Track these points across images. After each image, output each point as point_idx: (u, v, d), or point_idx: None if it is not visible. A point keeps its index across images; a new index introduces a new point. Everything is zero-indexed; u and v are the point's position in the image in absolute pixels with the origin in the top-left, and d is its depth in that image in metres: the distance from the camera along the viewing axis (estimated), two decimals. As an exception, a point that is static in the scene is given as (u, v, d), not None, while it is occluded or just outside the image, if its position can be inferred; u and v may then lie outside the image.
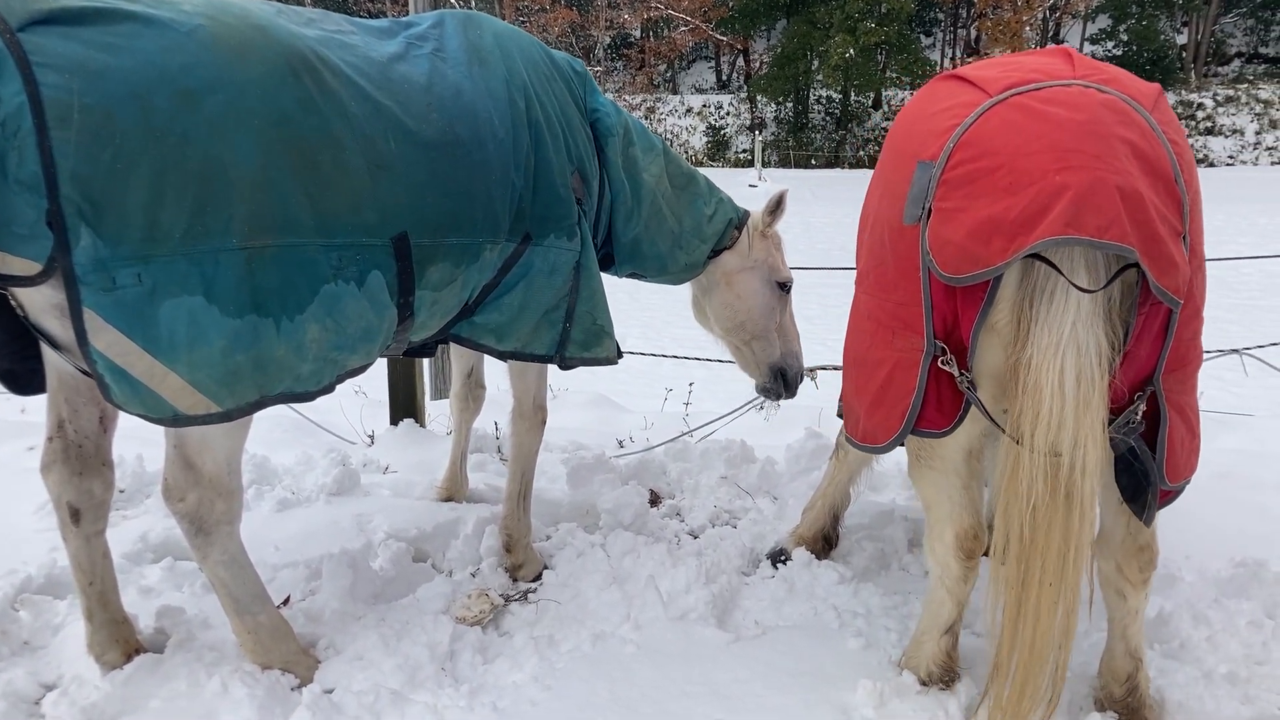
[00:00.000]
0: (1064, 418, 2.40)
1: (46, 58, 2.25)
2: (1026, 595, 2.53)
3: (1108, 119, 2.43)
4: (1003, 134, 2.50)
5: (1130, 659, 2.96)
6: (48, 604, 3.43)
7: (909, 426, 2.79)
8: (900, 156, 2.84)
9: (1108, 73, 2.65)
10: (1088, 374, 2.39)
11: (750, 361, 4.51)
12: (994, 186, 2.44)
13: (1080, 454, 2.42)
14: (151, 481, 4.59)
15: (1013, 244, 2.37)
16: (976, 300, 2.57)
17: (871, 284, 2.98)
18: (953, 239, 2.49)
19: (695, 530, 4.45)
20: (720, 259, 4.38)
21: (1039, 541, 2.49)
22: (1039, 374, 2.42)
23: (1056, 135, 2.41)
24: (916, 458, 2.99)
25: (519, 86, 3.40)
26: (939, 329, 2.69)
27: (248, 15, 2.68)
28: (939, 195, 2.57)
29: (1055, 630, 2.54)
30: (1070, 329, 2.39)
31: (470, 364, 4.64)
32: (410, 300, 3.05)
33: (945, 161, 2.57)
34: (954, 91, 2.80)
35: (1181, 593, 3.67)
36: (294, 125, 2.63)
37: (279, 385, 2.70)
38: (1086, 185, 2.31)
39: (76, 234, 2.29)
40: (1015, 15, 51.95)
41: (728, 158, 51.09)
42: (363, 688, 3.01)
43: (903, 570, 4.01)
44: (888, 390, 2.85)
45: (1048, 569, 2.50)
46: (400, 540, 4.02)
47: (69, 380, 2.89)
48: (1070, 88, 2.53)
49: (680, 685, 3.15)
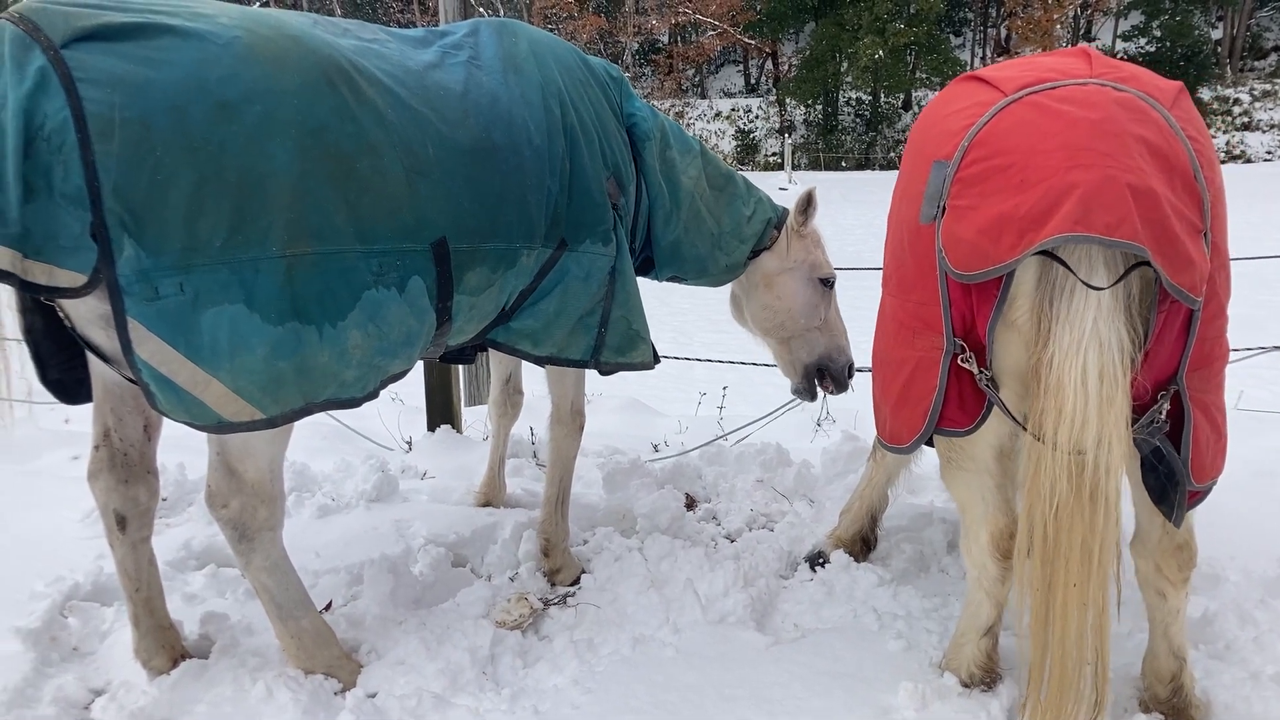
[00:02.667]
0: (1087, 415, 2.38)
1: (89, 73, 2.29)
2: (1053, 597, 2.51)
3: (1122, 117, 2.42)
4: (1016, 132, 2.50)
5: (1174, 659, 2.93)
6: (95, 611, 3.48)
7: (931, 426, 2.80)
8: (918, 157, 2.86)
9: (1126, 71, 2.63)
10: (1110, 371, 2.37)
11: (787, 362, 4.50)
12: (1006, 184, 2.45)
13: (1104, 452, 2.40)
14: (193, 490, 4.65)
15: (1022, 241, 2.37)
16: (991, 297, 2.57)
17: (894, 285, 3.00)
18: (965, 236, 2.51)
19: (732, 534, 4.44)
20: (760, 260, 4.38)
21: (1063, 542, 2.47)
22: (1061, 371, 2.41)
23: (1069, 133, 2.41)
24: (948, 460, 2.98)
25: (554, 93, 3.41)
26: (958, 327, 2.69)
27: (284, 26, 2.72)
28: (953, 193, 2.58)
29: (1087, 631, 2.50)
30: (1092, 325, 2.38)
31: (509, 370, 4.66)
32: (449, 305, 3.07)
33: (960, 160, 2.58)
34: (971, 92, 2.80)
35: (1227, 593, 3.62)
36: (331, 134, 2.65)
37: (324, 392, 2.73)
38: (1096, 183, 2.31)
39: (120, 245, 2.33)
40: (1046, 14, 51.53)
41: (757, 161, 50.99)
42: (405, 692, 3.03)
43: (942, 572, 3.98)
44: (910, 390, 2.86)
45: (1072, 570, 2.47)
46: (439, 545, 4.05)
47: (114, 389, 2.94)
48: (1086, 86, 2.53)
49: (720, 688, 3.15)
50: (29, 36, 2.27)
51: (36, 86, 2.24)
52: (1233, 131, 48.54)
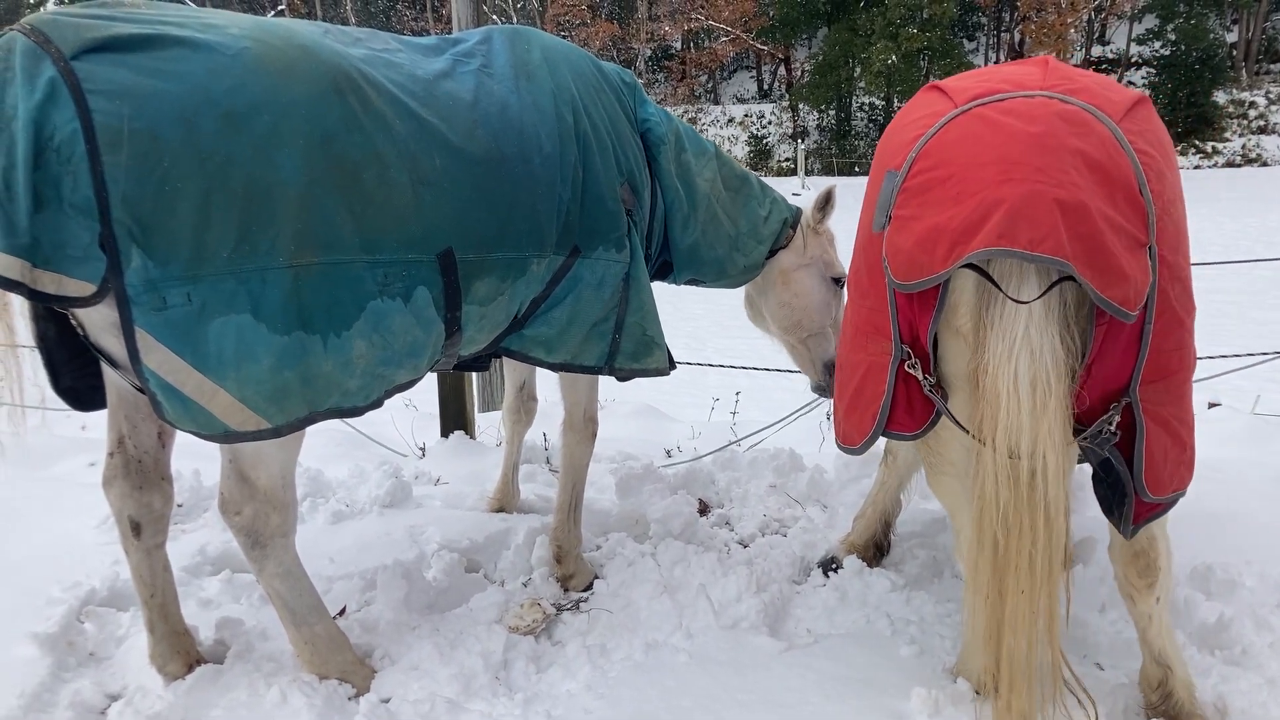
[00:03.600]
0: (1021, 422, 2.41)
1: (98, 84, 2.31)
2: (1003, 603, 2.53)
3: (1062, 130, 2.43)
4: (959, 145, 2.54)
5: (1157, 666, 2.94)
6: (111, 616, 3.51)
7: (879, 428, 2.84)
8: (877, 166, 2.91)
9: (1079, 82, 2.63)
10: (1043, 378, 2.39)
11: (806, 359, 4.54)
12: (944, 196, 2.49)
13: (1039, 460, 2.42)
14: (209, 496, 4.67)
15: (953, 253, 2.41)
16: (930, 306, 2.62)
17: (853, 290, 3.06)
18: (904, 246, 2.56)
19: (745, 539, 4.44)
20: (776, 258, 4.42)
21: (1011, 548, 2.49)
22: (996, 378, 2.44)
23: (1006, 147, 2.44)
24: (929, 465, 3.03)
25: (566, 100, 3.41)
26: (905, 334, 2.73)
27: (293, 36, 2.72)
28: (898, 203, 2.63)
29: (1038, 640, 2.52)
30: (1023, 334, 2.41)
31: (522, 377, 4.68)
32: (457, 315, 3.07)
33: (907, 171, 2.63)
34: (930, 102, 2.84)
35: (1243, 598, 3.60)
36: (338, 144, 2.66)
37: (327, 401, 2.74)
38: (1023, 198, 2.34)
39: (128, 255, 2.35)
40: (1059, 18, 51.40)
41: (770, 166, 51.00)
42: (418, 697, 3.04)
43: (955, 578, 3.96)
44: (861, 392, 2.90)
45: (1021, 577, 2.49)
46: (453, 551, 4.06)
47: (128, 397, 2.95)
48: (1032, 99, 2.54)
49: (733, 694, 3.14)
50: (40, 48, 2.29)
51: (46, 98, 2.26)
52: (1249, 135, 48.31)
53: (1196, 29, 50.02)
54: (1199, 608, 3.48)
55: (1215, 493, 4.42)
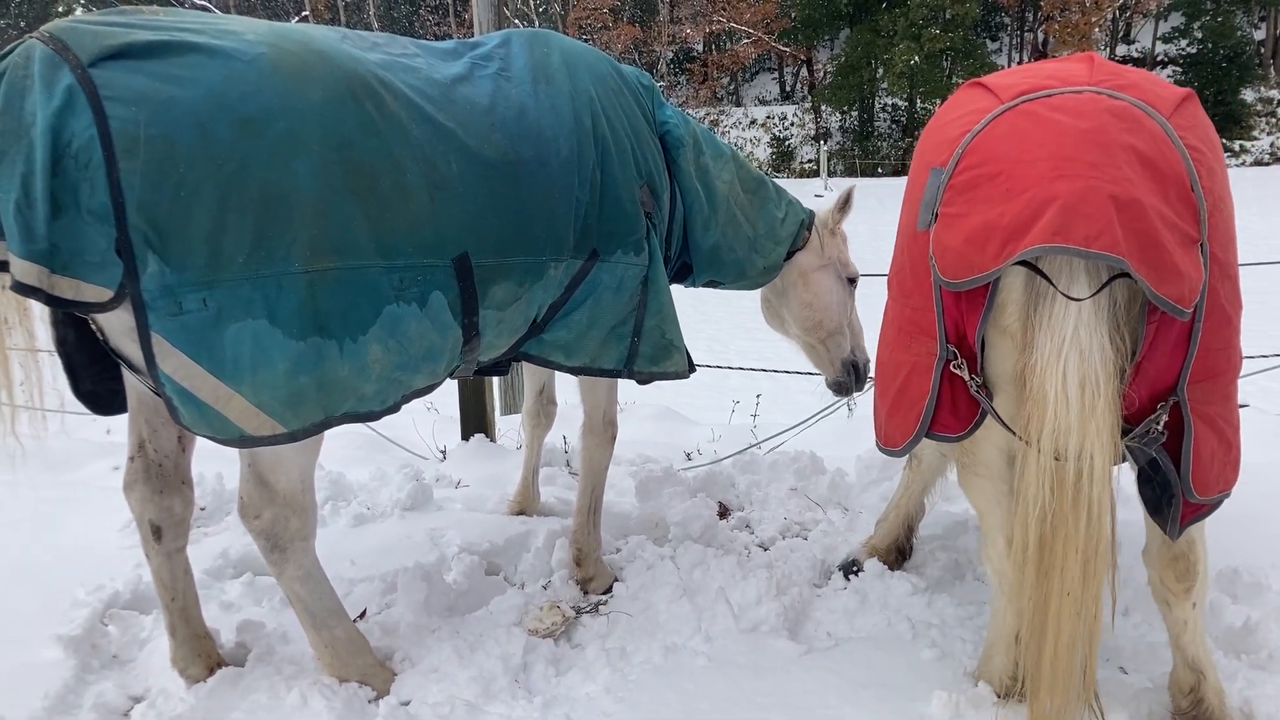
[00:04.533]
0: (1069, 423, 2.37)
1: (115, 91, 2.32)
2: (1047, 606, 2.49)
3: (1113, 126, 2.40)
4: (1006, 141, 2.51)
5: (1190, 671, 2.90)
6: (134, 619, 3.54)
7: (923, 430, 2.80)
8: (919, 162, 2.88)
9: (1126, 78, 2.60)
10: (1092, 379, 2.36)
11: (825, 359, 4.58)
12: (993, 193, 2.45)
13: (1086, 461, 2.38)
14: (231, 499, 4.71)
15: (1004, 251, 2.38)
16: (978, 305, 2.58)
17: (895, 289, 3.02)
18: (953, 244, 2.52)
19: (765, 542, 4.43)
20: (796, 259, 4.44)
21: (1056, 550, 2.46)
22: (1043, 379, 2.41)
23: (1056, 143, 2.40)
24: (963, 466, 2.99)
25: (585, 103, 3.40)
26: (951, 333, 2.70)
27: (310, 42, 2.73)
28: (945, 201, 2.60)
29: (1077, 640, 2.48)
30: (1072, 333, 2.37)
31: (542, 381, 4.68)
32: (474, 320, 3.06)
33: (953, 167, 2.60)
34: (973, 98, 2.80)
35: (1269, 601, 3.55)
36: (354, 149, 2.66)
37: (343, 405, 2.74)
38: (1077, 194, 2.30)
39: (144, 261, 2.36)
40: (1083, 17, 50.94)
41: (793, 168, 50.83)
42: (438, 699, 3.05)
43: (977, 581, 3.94)
44: (905, 393, 2.87)
45: (1066, 579, 2.45)
46: (473, 554, 4.07)
47: (148, 401, 2.98)
48: (1081, 94, 2.51)
49: (752, 697, 3.13)
50: (58, 55, 2.31)
51: (64, 105, 2.27)
52: (1277, 133, 47.75)
53: (1223, 27, 49.45)
54: (1225, 611, 3.45)
55: (1242, 495, 4.31)
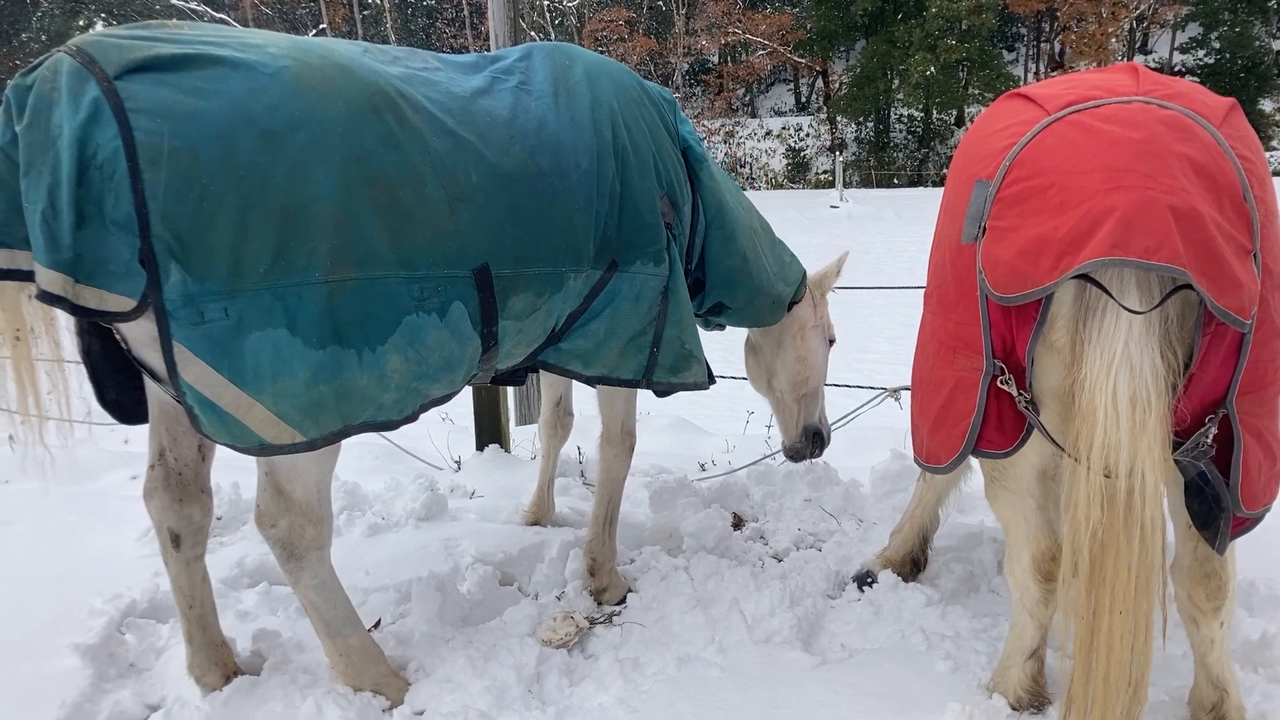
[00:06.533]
0: (1119, 440, 2.33)
1: (140, 103, 2.35)
2: (1098, 624, 2.45)
3: (1166, 136, 2.37)
4: (1057, 152, 2.47)
5: (1213, 688, 2.87)
6: (151, 627, 3.56)
7: (969, 447, 2.77)
8: (961, 175, 2.83)
9: (1173, 88, 2.58)
10: (1143, 395, 2.32)
11: (794, 420, 4.65)
12: (1046, 205, 2.41)
13: (1138, 478, 2.34)
14: (247, 509, 4.73)
15: (1060, 264, 2.33)
16: (1030, 320, 2.54)
17: (935, 303, 2.98)
18: (1004, 258, 2.48)
19: (779, 553, 4.42)
20: (795, 312, 4.49)
21: (1107, 568, 2.42)
22: (1093, 395, 2.36)
23: (1110, 154, 2.37)
24: (991, 479, 2.96)
25: (605, 115, 3.41)
26: (997, 348, 2.67)
27: (332, 55, 2.76)
28: (993, 214, 2.56)
29: (1130, 657, 2.45)
30: (1122, 349, 2.33)
31: (559, 392, 4.70)
32: (494, 330, 3.08)
33: (1001, 180, 2.55)
34: (1015, 110, 2.77)
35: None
36: (375, 161, 2.69)
37: (362, 415, 2.76)
38: (1136, 205, 2.27)
39: (167, 271, 2.39)
40: (1100, 27, 50.80)
41: (808, 179, 50.85)
42: (452, 709, 3.06)
43: (992, 592, 3.93)
44: (949, 410, 2.83)
45: (1117, 596, 2.41)
46: (487, 564, 4.08)
47: (169, 410, 3.00)
48: (1130, 104, 2.48)
49: (765, 708, 3.13)
50: (85, 69, 2.34)
51: (90, 117, 2.31)
52: (1295, 144, 47.47)
53: (1241, 36, 49.25)
54: (1242, 624, 3.42)
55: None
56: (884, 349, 13.27)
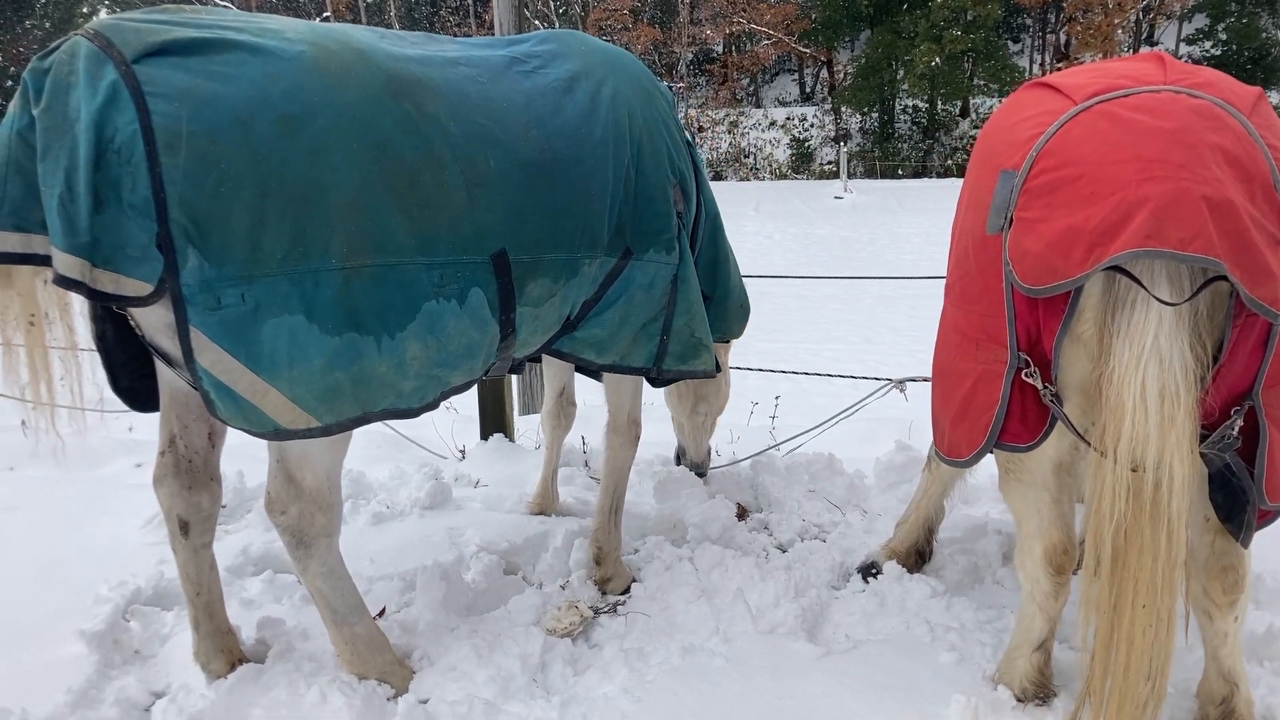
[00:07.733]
0: (1147, 433, 2.31)
1: (158, 87, 2.34)
2: (1119, 618, 2.44)
3: (1198, 125, 2.34)
4: (1086, 142, 2.43)
5: (1224, 682, 2.86)
6: (156, 615, 3.57)
7: (992, 440, 2.75)
8: (985, 166, 2.80)
9: (1202, 77, 2.55)
10: (1171, 388, 2.30)
11: (703, 440, 5.04)
12: (1075, 196, 2.38)
13: (1165, 472, 2.33)
14: (252, 497, 4.74)
15: (1091, 255, 2.31)
16: (1058, 312, 2.51)
17: (957, 295, 2.95)
18: (1032, 249, 2.45)
19: (784, 544, 4.42)
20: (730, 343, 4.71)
21: (1131, 562, 2.40)
22: (1120, 388, 2.34)
23: (1141, 144, 2.34)
24: (1005, 471, 2.95)
25: (621, 103, 3.41)
26: (1022, 341, 2.64)
27: (349, 40, 2.75)
28: (1020, 205, 2.52)
29: (1150, 653, 2.44)
30: (1152, 341, 2.31)
31: (562, 382, 4.70)
32: (512, 317, 3.07)
33: (1028, 170, 2.52)
34: (1040, 99, 2.74)
35: (1293, 609, 3.54)
36: (393, 147, 2.68)
37: (381, 402, 2.76)
38: (1169, 196, 2.24)
39: (184, 256, 2.38)
40: (1106, 18, 50.58)
41: (812, 170, 50.73)
42: (456, 698, 3.06)
43: (997, 584, 3.93)
44: (971, 403, 2.81)
45: (1140, 590, 2.40)
46: (491, 553, 4.08)
47: (180, 396, 3.00)
48: (1159, 94, 2.45)
49: (769, 699, 3.14)
50: (103, 52, 2.34)
51: (108, 101, 2.30)
52: (1302, 136, 47.34)
53: (1248, 28, 49.01)
54: (1248, 618, 3.42)
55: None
56: (888, 340, 13.28)
